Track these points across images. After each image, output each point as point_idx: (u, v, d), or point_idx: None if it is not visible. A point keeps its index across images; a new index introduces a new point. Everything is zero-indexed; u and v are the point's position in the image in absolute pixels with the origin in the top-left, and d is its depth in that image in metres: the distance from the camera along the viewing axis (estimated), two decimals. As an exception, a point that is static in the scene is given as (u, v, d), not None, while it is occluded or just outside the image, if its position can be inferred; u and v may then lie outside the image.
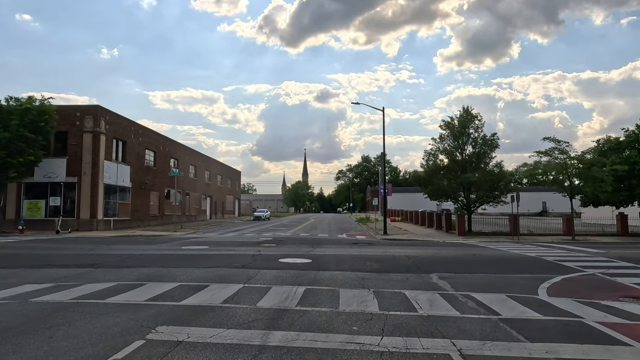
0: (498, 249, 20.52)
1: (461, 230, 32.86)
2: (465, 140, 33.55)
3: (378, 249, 19.42)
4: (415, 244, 23.60)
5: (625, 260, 15.97)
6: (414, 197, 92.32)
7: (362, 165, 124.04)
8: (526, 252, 18.67)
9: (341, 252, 17.67)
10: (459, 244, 24.67)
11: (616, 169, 29.12)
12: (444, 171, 33.86)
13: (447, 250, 19.76)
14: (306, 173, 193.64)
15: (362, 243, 23.66)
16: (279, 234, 31.95)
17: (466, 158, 33.69)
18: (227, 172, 71.95)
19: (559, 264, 15.02)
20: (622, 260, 15.81)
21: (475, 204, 33.80)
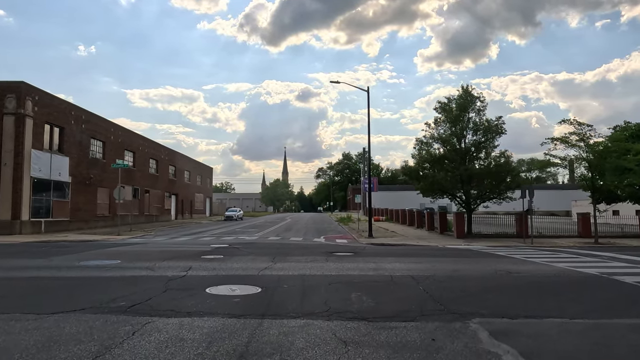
0: (526, 259, 14.91)
1: (460, 231, 27.31)
2: (464, 125, 28.00)
3: (366, 263, 13.60)
4: (412, 253, 17.85)
5: None
6: (398, 195, 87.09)
7: (343, 163, 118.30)
8: (570, 265, 13.10)
9: (312, 271, 11.77)
10: (465, 251, 19.00)
11: (649, 156, 23.87)
12: (440, 162, 28.26)
13: (459, 263, 14.05)
14: (286, 172, 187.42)
15: (344, 251, 17.81)
16: (243, 238, 25.93)
17: (466, 146, 28.17)
18: (196, 168, 65.40)
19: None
20: None
21: (477, 201, 28.30)
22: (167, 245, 20.66)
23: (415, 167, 28.95)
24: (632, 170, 24.28)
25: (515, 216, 27.89)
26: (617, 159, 24.14)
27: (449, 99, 28.27)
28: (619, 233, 28.27)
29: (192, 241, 23.20)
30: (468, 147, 28.09)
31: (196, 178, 65.07)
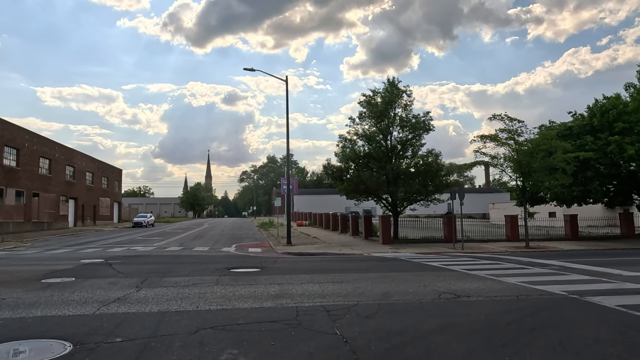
0: (468, 272, 12.14)
1: (386, 237, 24.64)
2: (391, 121, 25.47)
3: (268, 286, 10.06)
4: (333, 267, 14.57)
5: None
6: (324, 199, 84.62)
7: (268, 166, 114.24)
8: (523, 281, 10.42)
9: (184, 304, 8.02)
10: (394, 262, 16.07)
11: (581, 155, 22.61)
12: (365, 160, 25.51)
13: (390, 281, 10.93)
14: (210, 176, 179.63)
15: (248, 266, 14.16)
16: (135, 249, 21.44)
17: (393, 144, 25.65)
18: (101, 169, 58.50)
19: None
20: None
21: (403, 203, 25.85)
22: (21, 261, 15.84)
23: (338, 167, 25.97)
24: (560, 169, 22.91)
25: (443, 219, 25.75)
26: (545, 158, 22.64)
27: (374, 92, 25.64)
28: (545, 236, 27.06)
29: (65, 255, 18.42)
30: (394, 144, 25.59)
31: (101, 180, 58.18)
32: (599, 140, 24.07)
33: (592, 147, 24.14)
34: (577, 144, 25.10)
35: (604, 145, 23.73)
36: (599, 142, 24.00)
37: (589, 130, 25.14)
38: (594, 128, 24.99)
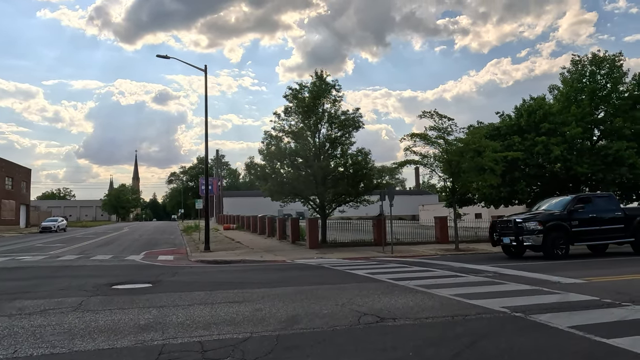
0: (395, 283, 10.48)
1: (313, 241, 22.87)
2: (319, 117, 23.75)
3: (143, 311, 7.78)
4: (242, 279, 12.47)
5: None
6: (255, 202, 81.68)
7: (198, 168, 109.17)
8: (456, 293, 8.91)
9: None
10: (316, 271, 14.24)
11: (509, 155, 22.04)
12: (291, 158, 23.59)
13: (304, 298, 9.02)
14: (137, 177, 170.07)
15: (137, 281, 11.72)
16: (20, 258, 18.10)
17: (321, 142, 23.94)
18: (4, 168, 52.32)
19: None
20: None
21: (332, 205, 24.20)
22: None
23: (262, 165, 23.84)
24: (488, 170, 22.28)
25: (373, 221, 24.41)
26: (475, 157, 21.90)
27: (301, 85, 23.80)
28: (473, 237, 26.49)
29: None
30: (323, 142, 23.88)
31: (4, 181, 52.03)
32: (526, 140, 23.77)
33: (520, 147, 23.80)
34: (505, 144, 24.72)
35: (531, 146, 23.44)
36: (526, 143, 23.70)
37: (517, 130, 24.84)
38: (521, 129, 24.72)
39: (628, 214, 16.68)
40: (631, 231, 16.27)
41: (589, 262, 14.60)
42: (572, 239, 15.62)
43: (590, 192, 19.40)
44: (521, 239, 15.42)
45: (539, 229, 15.25)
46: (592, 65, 24.65)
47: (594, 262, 14.59)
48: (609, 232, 16.16)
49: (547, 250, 15.21)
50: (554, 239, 15.24)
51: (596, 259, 15.34)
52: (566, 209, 15.94)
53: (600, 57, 24.45)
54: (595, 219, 15.99)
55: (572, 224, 15.59)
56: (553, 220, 15.57)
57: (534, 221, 15.54)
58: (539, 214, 16.47)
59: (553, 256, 15.07)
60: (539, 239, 15.16)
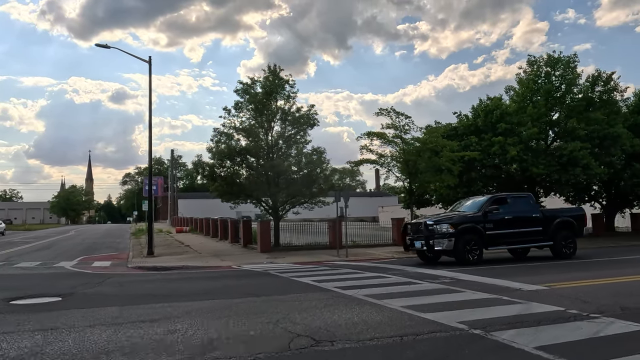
0: (343, 292, 9.32)
1: (265, 244, 21.50)
2: (272, 113, 22.45)
3: (32, 332, 6.31)
4: (172, 289, 11.03)
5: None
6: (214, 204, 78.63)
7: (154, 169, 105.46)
8: (409, 305, 7.86)
9: None
10: (260, 279, 12.95)
11: (466, 155, 21.46)
12: (241, 157, 22.17)
13: (233, 314, 7.75)
14: (91, 178, 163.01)
15: (44, 295, 10.09)
16: None
17: (274, 140, 22.64)
18: None
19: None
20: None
21: (285, 206, 22.94)
22: None
23: (211, 164, 22.28)
24: (445, 170, 21.68)
25: (328, 223, 23.31)
26: (432, 157, 21.27)
27: (252, 80, 22.41)
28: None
29: None
30: (276, 140, 22.59)
31: None
32: (483, 141, 23.31)
33: (477, 147, 23.31)
34: (462, 145, 24.21)
35: (487, 146, 22.99)
36: (483, 143, 23.23)
37: (474, 130, 24.37)
38: (478, 129, 24.27)
39: (547, 215, 15.70)
40: (550, 234, 15.15)
41: (543, 266, 13.98)
42: (487, 242, 14.39)
43: (507, 192, 18.26)
44: (432, 243, 14.06)
45: (451, 232, 13.90)
46: (547, 66, 24.53)
47: (553, 265, 13.99)
48: (526, 235, 15.00)
49: (459, 255, 13.93)
50: (466, 242, 13.90)
51: (555, 262, 14.76)
52: (481, 210, 14.66)
53: (555, 58, 24.35)
54: (511, 220, 14.80)
55: (487, 227, 14.32)
56: (466, 223, 14.29)
57: (446, 223, 14.22)
58: (452, 215, 15.26)
59: (465, 261, 13.80)
60: (450, 243, 13.78)
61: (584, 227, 16.54)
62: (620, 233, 27.96)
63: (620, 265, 13.36)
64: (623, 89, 24.71)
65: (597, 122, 23.25)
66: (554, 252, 15.35)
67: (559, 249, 15.21)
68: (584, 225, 16.61)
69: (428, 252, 14.67)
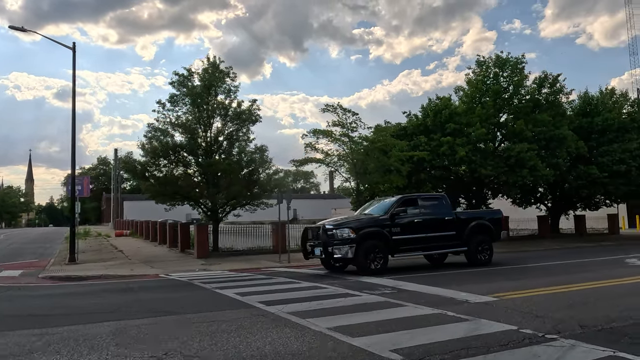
0: (267, 308, 7.90)
1: (202, 249, 19.77)
2: (212, 108, 20.76)
3: None
4: (64, 309, 9.26)
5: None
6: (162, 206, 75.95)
7: (99, 169, 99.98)
8: (339, 327, 6.57)
9: None
10: (182, 286, 11.35)
11: (416, 155, 20.62)
12: (177, 155, 20.35)
13: (111, 344, 6.23)
14: (31, 179, 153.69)
15: None
16: None
17: (213, 137, 20.95)
18: None
19: None
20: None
21: (225, 208, 21.28)
22: None
23: (142, 162, 20.29)
24: (395, 170, 20.77)
25: (272, 227, 21.85)
26: (381, 156, 20.30)
27: (190, 71, 20.64)
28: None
29: None
30: (216, 137, 20.91)
31: None
32: (432, 141, 22.59)
33: (426, 147, 22.57)
34: (411, 145, 23.42)
35: (437, 147, 22.28)
36: (432, 143, 22.51)
37: (423, 130, 23.63)
38: (428, 128, 23.55)
39: (461, 218, 14.23)
40: (464, 239, 13.69)
41: (492, 272, 13.13)
42: (393, 248, 12.71)
43: (418, 193, 17.05)
44: (331, 250, 12.31)
45: (352, 238, 12.15)
46: (495, 67, 24.18)
47: (502, 271, 13.15)
48: (438, 240, 13.44)
49: (360, 263, 12.25)
50: (368, 249, 12.23)
51: (504, 268, 13.97)
52: (388, 212, 13.00)
53: (503, 59, 24.04)
54: (421, 224, 13.21)
55: (394, 231, 12.69)
56: (369, 227, 12.62)
57: (346, 228, 12.39)
58: (354, 219, 13.55)
59: (367, 270, 12.14)
60: (350, 250, 12.08)
61: (502, 231, 15.22)
62: (564, 235, 28.10)
63: (569, 270, 12.71)
64: (568, 91, 24.72)
65: (544, 124, 23.06)
66: (469, 258, 13.99)
67: (474, 254, 13.82)
68: (502, 229, 15.47)
69: (326, 260, 13.05)
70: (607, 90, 26.73)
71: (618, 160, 23.92)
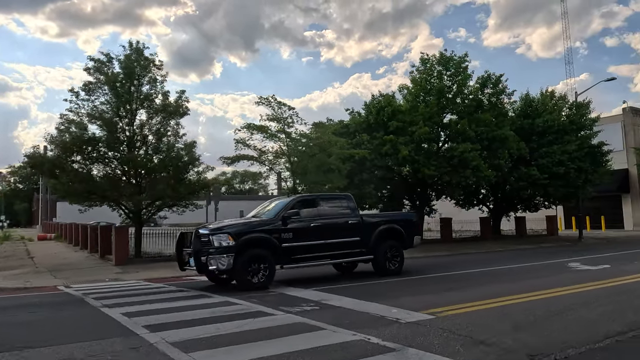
0: (159, 346, 6.27)
1: (121, 255, 17.57)
2: (133, 99, 18.58)
3: None
4: None
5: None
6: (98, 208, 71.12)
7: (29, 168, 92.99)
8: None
9: None
10: (71, 305, 9.36)
11: (356, 154, 19.38)
12: (92, 150, 18.02)
13: None
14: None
15: None
16: None
17: (136, 130, 18.77)
18: None
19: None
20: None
21: (149, 209, 19.16)
22: None
23: (51, 158, 17.78)
24: (336, 169, 19.44)
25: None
26: (320, 155, 18.93)
27: (108, 57, 18.35)
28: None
29: None
30: (139, 131, 18.73)
31: None
32: (375, 139, 21.47)
33: (369, 146, 21.43)
34: (353, 143, 22.23)
35: (379, 145, 21.17)
36: (375, 142, 21.39)
37: (365, 128, 22.50)
38: (370, 127, 22.44)
39: (368, 222, 12.17)
40: (370, 246, 11.83)
41: (431, 280, 12.00)
42: (282, 257, 10.66)
43: (317, 193, 15.39)
44: (204, 261, 10.00)
45: (230, 246, 10.00)
46: (439, 65, 23.45)
47: (444, 278, 12.03)
48: (339, 247, 11.47)
49: (239, 276, 10.16)
50: (250, 259, 10.14)
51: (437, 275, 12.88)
52: (279, 215, 10.93)
53: (447, 57, 23.34)
54: (319, 229, 11.19)
55: (285, 237, 10.67)
56: (252, 232, 10.50)
57: (224, 233, 10.19)
58: (236, 223, 11.24)
59: (248, 285, 10.01)
60: (228, 260, 9.91)
61: (416, 236, 12.98)
62: (506, 236, 27.91)
63: (512, 277, 11.77)
64: (510, 92, 24.40)
65: (486, 124, 22.54)
66: (376, 267, 12.15)
67: (382, 263, 11.97)
68: (417, 234, 13.18)
69: (200, 272, 10.75)
70: (547, 93, 26.73)
71: (557, 162, 23.88)
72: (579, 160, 24.54)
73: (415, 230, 13.14)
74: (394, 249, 12.21)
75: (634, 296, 8.18)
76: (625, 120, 36.16)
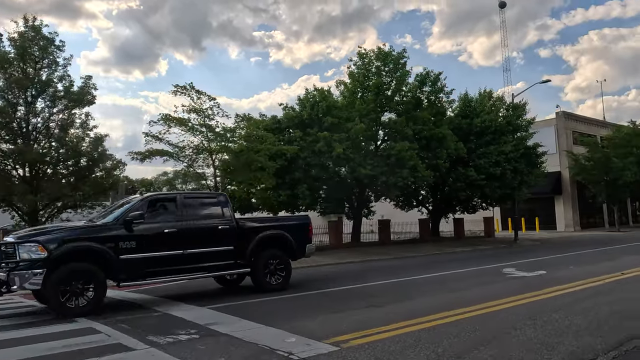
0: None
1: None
2: (35, 83, 16.04)
3: None
4: None
5: None
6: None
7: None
8: None
9: None
10: None
11: (284, 150, 17.76)
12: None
13: None
14: None
15: None
16: None
17: (32, 120, 16.24)
18: None
19: None
20: None
21: (48, 210, 16.63)
22: None
23: None
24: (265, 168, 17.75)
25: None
26: (247, 151, 17.19)
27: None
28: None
29: None
30: (35, 120, 16.21)
31: None
32: (309, 136, 19.98)
33: (302, 143, 19.92)
34: (285, 139, 20.64)
35: (313, 142, 19.69)
36: (308, 138, 19.90)
37: (298, 124, 20.97)
38: (304, 122, 20.93)
39: (245, 227, 10.01)
40: (247, 256, 9.72)
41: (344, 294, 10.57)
42: (119, 273, 8.31)
43: (176, 192, 13.62)
44: (5, 278, 7.65)
45: (42, 258, 7.64)
46: (378, 60, 22.31)
47: (352, 293, 10.63)
48: (205, 259, 9.26)
49: (52, 300, 7.79)
50: (67, 277, 7.74)
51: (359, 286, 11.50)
52: (120, 219, 8.58)
53: (385, 52, 22.25)
54: (176, 235, 8.89)
55: (124, 247, 8.32)
56: (74, 241, 8.02)
57: (33, 243, 7.77)
58: (53, 228, 8.65)
59: (65, 311, 7.71)
60: (38, 279, 7.57)
61: (310, 245, 10.84)
62: (445, 238, 27.29)
63: (444, 287, 10.56)
64: (449, 91, 23.67)
65: (424, 122, 21.65)
66: (255, 281, 10.03)
67: (261, 277, 9.81)
68: (309, 242, 10.85)
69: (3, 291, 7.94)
70: (485, 93, 26.35)
71: (494, 163, 23.45)
72: (515, 161, 24.27)
73: (308, 237, 10.75)
74: (276, 259, 10.02)
75: (572, 313, 7.06)
76: (559, 124, 36.91)
